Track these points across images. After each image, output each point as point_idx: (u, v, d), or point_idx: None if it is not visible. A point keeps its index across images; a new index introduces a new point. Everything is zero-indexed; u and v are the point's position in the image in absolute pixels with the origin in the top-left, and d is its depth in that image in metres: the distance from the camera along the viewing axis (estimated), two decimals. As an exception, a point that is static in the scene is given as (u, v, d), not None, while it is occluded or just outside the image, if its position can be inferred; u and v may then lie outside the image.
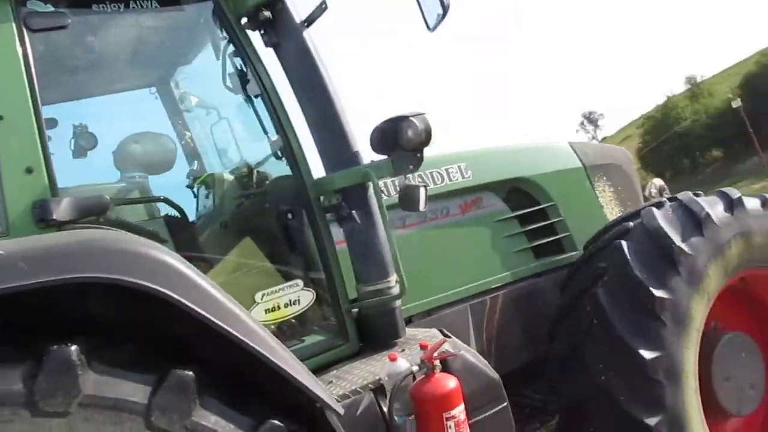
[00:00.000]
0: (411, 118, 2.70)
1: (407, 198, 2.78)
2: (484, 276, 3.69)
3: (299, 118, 2.92)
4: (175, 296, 1.71)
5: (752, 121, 44.48)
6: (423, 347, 2.53)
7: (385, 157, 2.82)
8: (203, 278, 1.86)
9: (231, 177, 3.40)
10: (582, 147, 4.27)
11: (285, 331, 2.84)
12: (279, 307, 2.73)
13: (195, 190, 3.51)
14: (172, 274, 1.77)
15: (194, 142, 3.72)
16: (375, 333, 2.96)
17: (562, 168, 4.06)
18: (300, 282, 2.82)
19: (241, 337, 1.84)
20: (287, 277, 2.82)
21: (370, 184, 2.86)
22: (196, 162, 3.67)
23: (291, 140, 2.90)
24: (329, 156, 2.92)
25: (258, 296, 2.67)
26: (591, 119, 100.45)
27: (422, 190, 2.78)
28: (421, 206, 2.78)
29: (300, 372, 1.99)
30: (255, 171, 3.20)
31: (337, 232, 2.94)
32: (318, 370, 2.83)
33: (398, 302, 2.95)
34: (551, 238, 3.92)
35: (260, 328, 1.95)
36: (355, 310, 2.95)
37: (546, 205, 3.95)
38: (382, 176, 2.84)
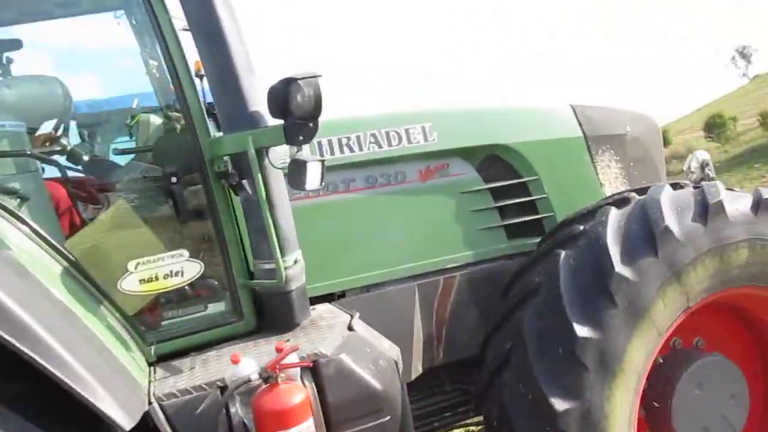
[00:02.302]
0: (299, 81, 2.28)
1: (293, 175, 2.40)
2: (439, 253, 3.27)
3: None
4: None
5: None
6: (278, 350, 2.22)
7: (280, 122, 2.43)
8: None
9: (159, 121, 3.12)
10: (587, 112, 3.60)
11: (165, 303, 2.63)
12: (157, 278, 2.49)
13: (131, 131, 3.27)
14: None
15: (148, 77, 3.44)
16: (270, 313, 2.69)
17: (553, 136, 3.46)
18: (185, 252, 2.56)
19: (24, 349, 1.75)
20: (171, 246, 2.56)
21: (264, 151, 2.49)
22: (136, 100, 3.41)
23: (186, 90, 2.56)
24: (224, 114, 2.57)
25: (131, 265, 2.44)
26: (744, 54, 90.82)
27: (313, 167, 2.39)
28: (310, 185, 2.39)
29: (86, 384, 1.80)
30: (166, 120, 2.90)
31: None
32: (208, 346, 2.64)
33: (295, 284, 2.64)
34: (530, 218, 3.40)
35: (50, 337, 1.79)
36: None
37: (528, 178, 3.41)
38: (271, 144, 2.46)
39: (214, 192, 2.57)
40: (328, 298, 3.11)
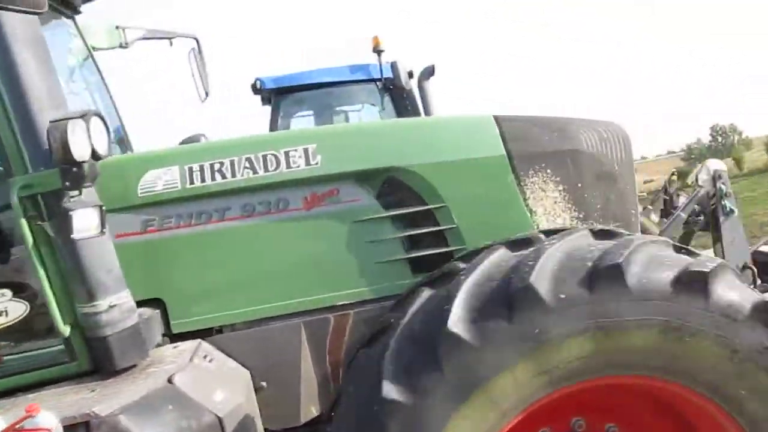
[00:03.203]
0: (51, 123, 2.09)
1: (61, 222, 2.24)
2: (329, 289, 2.96)
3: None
4: None
5: None
6: (28, 412, 2.09)
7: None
8: None
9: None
10: (517, 124, 3.01)
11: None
12: None
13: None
14: None
15: None
16: (94, 357, 2.58)
17: (466, 156, 2.94)
18: (8, 292, 2.51)
19: None
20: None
21: (64, 193, 2.34)
22: None
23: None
24: (30, 153, 2.44)
25: None
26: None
27: (81, 215, 2.20)
28: (78, 233, 2.21)
29: None
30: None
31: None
32: (42, 385, 2.60)
33: (111, 329, 2.50)
34: (437, 250, 2.95)
35: None
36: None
37: (434, 206, 2.94)
38: (49, 188, 2.30)
39: (24, 232, 2.48)
40: (208, 332, 2.95)
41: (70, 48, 3.62)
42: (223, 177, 2.86)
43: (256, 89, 8.94)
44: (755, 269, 3.62)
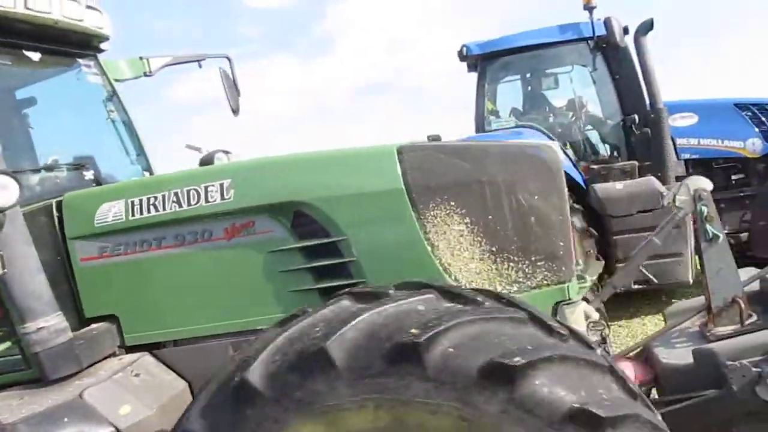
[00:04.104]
0: None
1: None
2: (251, 313, 3.16)
3: None
4: None
5: None
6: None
7: None
8: None
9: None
10: (420, 154, 2.89)
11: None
12: None
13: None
14: None
15: None
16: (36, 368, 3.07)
17: (363, 190, 2.91)
18: None
19: None
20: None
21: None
22: None
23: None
24: None
25: None
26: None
27: None
28: None
29: None
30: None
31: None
32: (9, 386, 3.15)
33: (41, 347, 2.95)
34: (344, 282, 2.99)
35: None
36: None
37: (337, 239, 2.97)
38: None
39: None
40: (156, 346, 3.34)
41: (93, 87, 4.16)
42: (157, 210, 3.18)
43: (462, 56, 9.11)
44: (743, 304, 3.07)
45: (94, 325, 3.30)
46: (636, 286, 7.62)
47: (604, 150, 9.12)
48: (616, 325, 7.95)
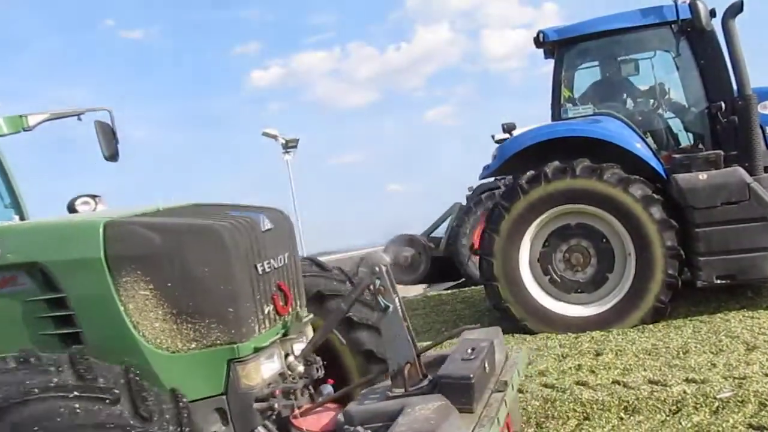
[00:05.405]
0: None
1: None
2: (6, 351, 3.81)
3: None
4: None
5: None
6: None
7: None
8: None
9: None
10: (122, 228, 3.48)
11: None
12: None
13: None
14: None
15: None
16: None
17: (72, 256, 3.52)
18: None
19: None
20: None
21: None
22: None
23: None
24: None
25: None
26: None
27: None
28: None
29: None
30: None
31: None
32: None
33: None
34: (71, 330, 3.60)
35: None
36: None
37: (62, 294, 3.59)
38: None
39: None
40: None
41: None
42: None
43: (538, 42, 8.98)
44: (421, 367, 3.36)
45: None
46: (719, 281, 7.46)
47: (686, 139, 8.84)
48: (697, 320, 7.77)
